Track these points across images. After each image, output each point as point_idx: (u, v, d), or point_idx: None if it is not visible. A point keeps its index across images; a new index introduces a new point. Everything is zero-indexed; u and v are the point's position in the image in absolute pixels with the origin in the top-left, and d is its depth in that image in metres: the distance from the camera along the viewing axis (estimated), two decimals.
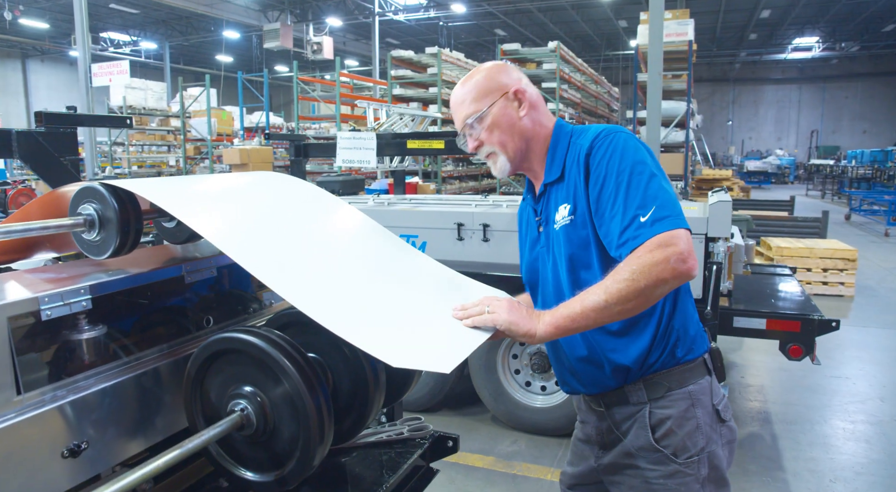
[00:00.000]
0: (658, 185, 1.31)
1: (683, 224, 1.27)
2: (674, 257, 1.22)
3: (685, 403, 1.41)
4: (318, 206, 1.70)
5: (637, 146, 1.38)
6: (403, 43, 29.16)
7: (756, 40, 30.82)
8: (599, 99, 15.87)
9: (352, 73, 16.96)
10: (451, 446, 1.97)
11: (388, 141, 4.12)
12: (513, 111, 1.49)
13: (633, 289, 1.22)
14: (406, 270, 1.60)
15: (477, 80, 1.50)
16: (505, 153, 1.50)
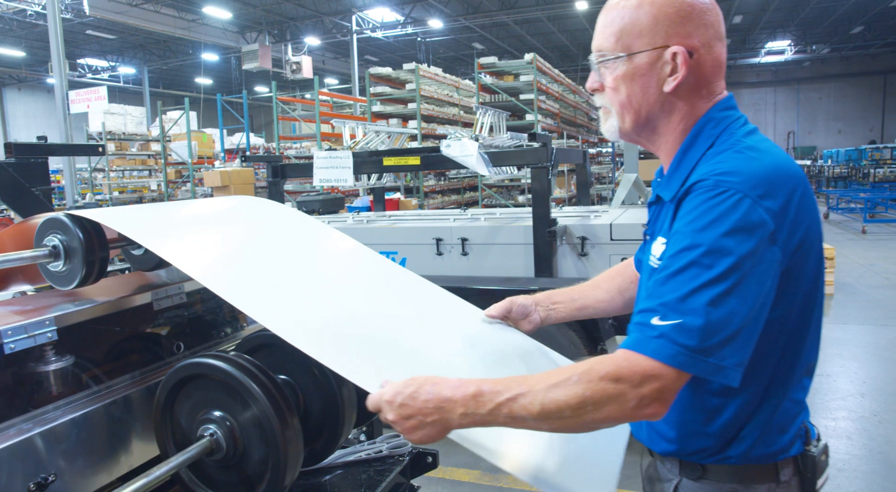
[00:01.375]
0: (716, 296, 0.94)
1: (693, 366, 0.94)
2: (639, 398, 0.95)
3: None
4: (293, 228, 1.72)
5: (745, 232, 0.96)
6: (382, 60, 29.34)
7: (730, 45, 31.28)
8: (578, 108, 16.04)
9: (331, 92, 17.05)
10: (430, 461, 1.98)
11: (364, 159, 4.15)
12: (657, 77, 1.10)
13: (574, 418, 0.98)
14: (395, 293, 1.61)
15: (638, 6, 1.10)
16: (619, 118, 1.16)
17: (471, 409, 1.01)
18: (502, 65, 11.75)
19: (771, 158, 1.04)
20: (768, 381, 1.11)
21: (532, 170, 3.67)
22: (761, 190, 0.99)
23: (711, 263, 0.95)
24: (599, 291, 1.51)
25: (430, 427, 1.05)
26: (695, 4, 1.09)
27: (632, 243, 3.61)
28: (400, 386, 1.06)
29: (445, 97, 12.84)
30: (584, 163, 5.22)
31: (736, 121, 1.13)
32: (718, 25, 1.12)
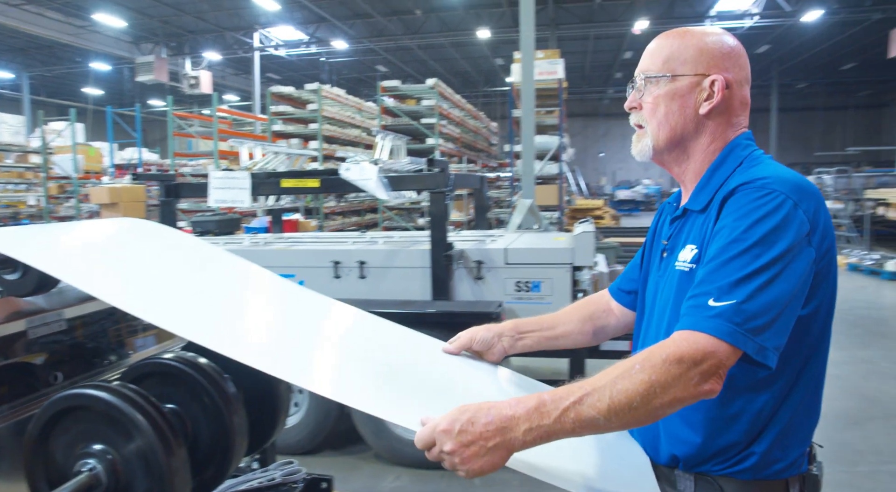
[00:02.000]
0: (764, 282, 1.03)
1: (745, 343, 1.01)
2: (701, 374, 1.00)
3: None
4: (196, 255, 1.70)
5: (788, 229, 1.06)
6: (285, 78, 28.90)
7: (622, 78, 33.20)
8: (478, 133, 16.45)
9: (231, 109, 16.60)
10: (325, 487, 1.98)
11: (262, 180, 4.09)
12: (694, 100, 1.22)
13: (644, 406, 1.00)
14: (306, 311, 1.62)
15: (687, 41, 1.24)
16: (654, 137, 1.26)
17: (535, 421, 1.00)
18: (405, 88, 11.90)
19: (796, 174, 1.16)
20: (794, 380, 1.17)
21: (430, 194, 3.76)
22: (798, 196, 1.10)
23: (760, 253, 1.05)
24: (571, 321, 1.53)
25: (492, 453, 1.00)
26: (734, 47, 1.24)
27: (526, 267, 3.76)
28: (455, 414, 1.01)
29: (348, 119, 12.83)
30: (481, 188, 5.38)
31: (757, 150, 1.26)
32: (748, 71, 1.27)
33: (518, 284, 3.75)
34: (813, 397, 1.20)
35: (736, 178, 1.18)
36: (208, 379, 1.43)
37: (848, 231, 14.13)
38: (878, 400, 5.03)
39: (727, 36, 1.25)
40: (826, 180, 15.55)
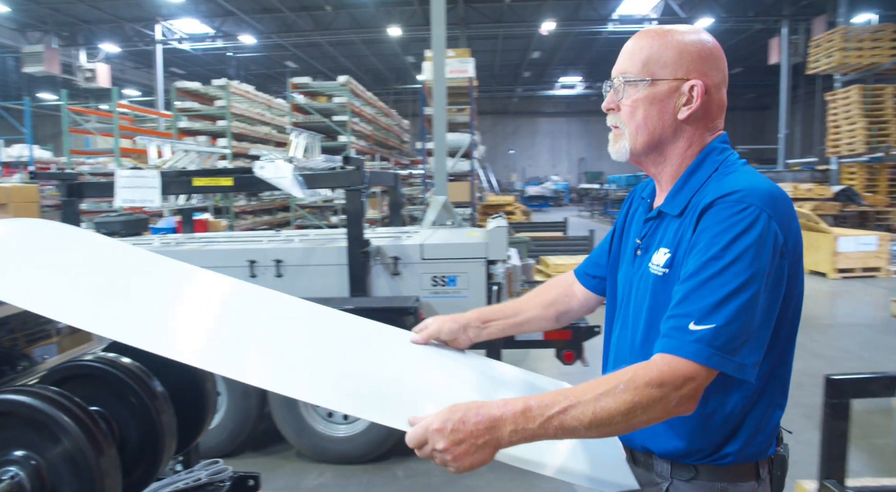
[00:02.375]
0: (743, 302, 1.07)
1: (724, 365, 1.07)
2: (680, 398, 1.07)
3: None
4: (99, 250, 1.67)
5: (765, 244, 1.10)
6: (190, 73, 27.79)
7: (530, 78, 34.09)
8: (390, 131, 16.48)
9: (132, 105, 15.83)
10: (252, 485, 1.98)
11: (172, 179, 3.98)
12: (673, 105, 1.22)
13: (624, 423, 1.07)
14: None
15: (667, 42, 1.22)
16: (632, 140, 1.26)
17: (520, 425, 1.06)
18: (316, 85, 11.78)
19: (768, 182, 1.18)
20: (765, 381, 1.22)
21: (346, 192, 3.79)
22: (772, 208, 1.12)
23: (738, 271, 1.08)
24: (534, 307, 1.57)
25: (482, 450, 1.06)
26: (713, 50, 1.24)
27: (442, 262, 3.86)
28: (446, 414, 1.07)
29: (257, 116, 12.56)
30: (395, 185, 5.45)
31: (732, 154, 1.27)
32: (726, 73, 1.27)
33: (434, 279, 3.84)
34: (782, 394, 1.26)
35: (712, 185, 1.20)
36: (133, 378, 1.43)
37: None
38: None
39: (705, 36, 1.25)
40: None
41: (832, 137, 14.94)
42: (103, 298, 1.38)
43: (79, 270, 1.49)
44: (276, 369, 1.32)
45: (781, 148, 21.86)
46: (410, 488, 3.54)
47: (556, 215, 21.08)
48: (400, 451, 3.94)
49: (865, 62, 13.88)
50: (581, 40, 25.85)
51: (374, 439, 3.72)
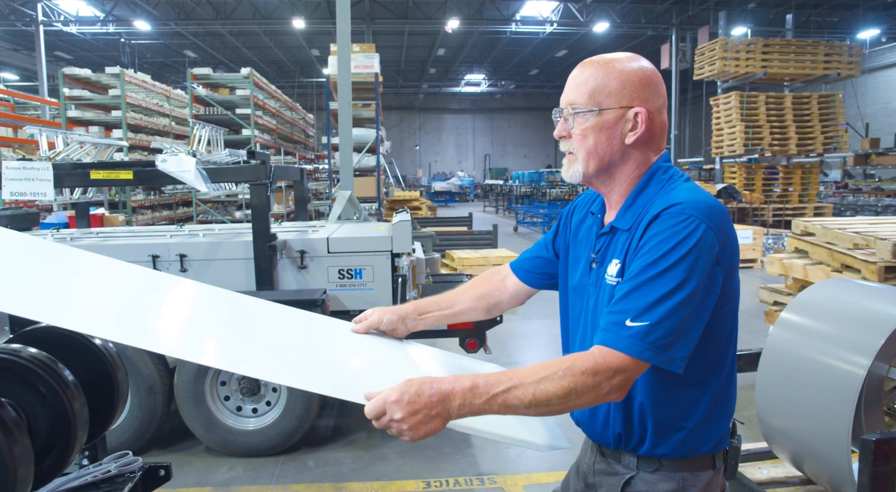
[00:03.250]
0: (676, 303, 1.19)
1: (653, 358, 1.19)
2: (610, 387, 1.19)
3: (671, 485, 1.35)
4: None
5: (701, 252, 1.21)
6: (78, 58, 26.15)
7: (435, 74, 34.41)
8: (295, 125, 16.23)
9: (11, 90, 14.75)
10: (163, 475, 2.00)
11: (67, 171, 3.84)
12: (620, 131, 1.33)
13: (560, 405, 1.19)
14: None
15: (610, 73, 1.32)
16: (584, 165, 1.36)
17: (468, 400, 1.17)
18: (217, 77, 11.46)
19: (708, 195, 1.29)
20: (727, 377, 1.35)
21: (251, 186, 3.79)
22: (710, 220, 1.23)
23: (674, 275, 1.19)
24: (467, 299, 1.69)
25: (434, 420, 1.17)
26: (653, 77, 1.34)
27: (348, 256, 3.93)
28: (402, 387, 1.17)
29: (155, 106, 12.06)
30: (301, 180, 5.45)
31: (676, 171, 1.38)
32: (665, 95, 1.37)
33: (341, 272, 3.92)
34: (727, 388, 1.37)
35: (658, 199, 1.30)
36: (41, 367, 1.44)
37: None
38: None
39: (645, 63, 1.35)
40: None
41: (715, 138, 16.07)
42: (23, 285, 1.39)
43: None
44: (235, 352, 1.42)
45: (673, 147, 23.26)
46: (321, 477, 3.61)
47: (462, 211, 21.47)
48: (310, 442, 4.00)
49: (742, 71, 15.04)
50: (485, 39, 26.41)
51: (284, 430, 3.76)
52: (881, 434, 2.23)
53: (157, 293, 1.66)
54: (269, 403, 3.82)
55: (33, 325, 1.68)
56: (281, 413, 3.76)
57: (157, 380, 3.69)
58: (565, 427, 1.56)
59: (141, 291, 1.63)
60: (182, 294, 1.70)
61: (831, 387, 2.48)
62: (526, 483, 3.57)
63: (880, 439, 2.19)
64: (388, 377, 1.26)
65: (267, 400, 3.82)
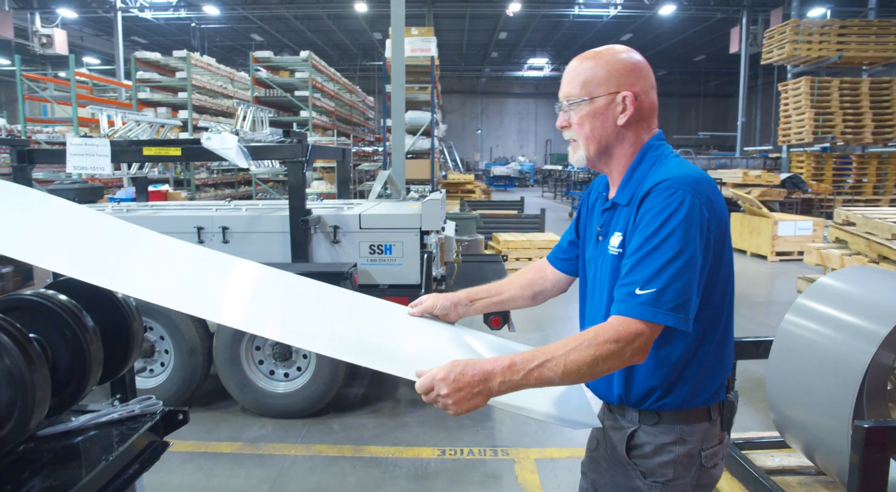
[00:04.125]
0: (677, 269, 1.31)
1: (666, 320, 1.31)
2: (633, 351, 1.31)
3: (670, 437, 1.48)
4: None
5: (692, 220, 1.34)
6: (152, 43, 27.27)
7: (498, 58, 34.21)
8: (354, 108, 16.55)
9: (91, 73, 15.60)
10: (181, 418, 2.23)
11: (123, 148, 4.15)
12: (612, 115, 1.46)
13: (589, 372, 1.30)
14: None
15: (598, 64, 1.46)
16: (585, 149, 1.50)
17: (507, 377, 1.30)
18: (278, 60, 11.83)
19: (695, 169, 1.42)
20: (721, 336, 1.48)
21: (288, 164, 4.01)
22: (696, 191, 1.36)
23: (672, 244, 1.32)
24: (514, 287, 1.84)
25: (476, 397, 1.31)
26: (637, 62, 1.48)
27: (378, 232, 4.11)
28: (449, 367, 1.31)
29: (219, 88, 12.56)
30: (343, 159, 5.66)
31: (667, 148, 1.51)
32: (652, 79, 1.50)
33: (371, 247, 4.10)
34: (721, 348, 1.49)
35: (650, 176, 1.43)
36: (67, 312, 1.66)
37: None
38: None
39: (632, 53, 1.49)
40: None
41: (783, 125, 15.47)
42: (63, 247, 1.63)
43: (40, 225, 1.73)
44: (297, 328, 1.62)
45: (739, 135, 22.49)
46: (343, 440, 3.83)
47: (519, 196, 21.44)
48: (337, 407, 4.22)
49: (814, 55, 14.38)
50: (548, 22, 26.06)
51: (312, 395, 3.99)
52: (874, 422, 2.20)
53: (226, 272, 1.88)
54: (300, 368, 4.05)
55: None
56: (310, 378, 3.99)
57: (198, 343, 3.98)
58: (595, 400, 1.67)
59: (209, 269, 1.86)
60: (243, 273, 1.91)
61: (835, 374, 2.46)
62: (538, 457, 3.68)
63: (872, 427, 2.16)
64: (438, 358, 1.40)
65: (297, 366, 4.06)
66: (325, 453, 3.68)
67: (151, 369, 4.14)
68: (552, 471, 3.52)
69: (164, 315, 3.95)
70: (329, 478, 3.41)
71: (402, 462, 3.57)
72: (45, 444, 1.86)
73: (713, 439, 1.51)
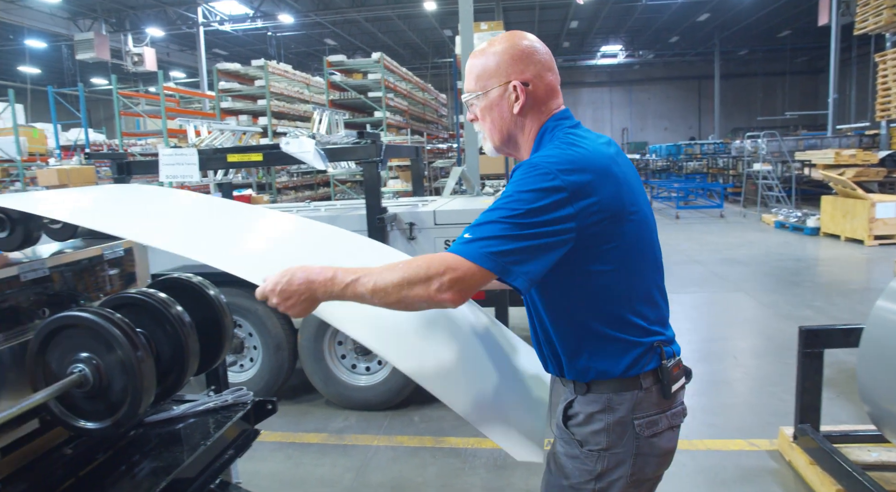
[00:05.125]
0: (508, 227, 1.32)
1: (479, 261, 1.30)
2: (440, 283, 1.30)
3: (599, 405, 1.50)
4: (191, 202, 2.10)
5: (545, 194, 1.33)
6: (232, 54, 28.46)
7: (570, 48, 33.68)
8: (427, 105, 16.73)
9: (178, 87, 16.49)
10: (270, 408, 2.38)
11: (209, 156, 4.39)
12: (507, 104, 1.52)
13: (395, 293, 1.33)
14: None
15: (487, 57, 1.53)
16: (491, 139, 1.59)
17: (328, 288, 1.39)
18: (351, 63, 12.11)
19: (580, 149, 1.42)
20: (627, 308, 1.47)
21: (363, 164, 4.13)
22: (565, 168, 1.36)
23: (514, 207, 1.33)
24: None
25: (305, 302, 1.42)
26: (524, 48, 1.52)
27: (453, 227, 4.18)
28: (277, 277, 1.43)
29: (296, 94, 12.98)
30: (416, 158, 5.77)
31: (565, 123, 1.53)
32: (546, 61, 1.53)
33: (447, 243, 4.18)
34: (628, 319, 1.48)
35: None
36: (168, 309, 1.81)
37: (778, 191, 14.97)
38: (774, 338, 5.67)
39: (522, 40, 1.52)
40: (760, 144, 16.36)
41: (881, 99, 14.46)
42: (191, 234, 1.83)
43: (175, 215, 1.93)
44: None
45: (831, 113, 21.22)
46: (424, 431, 3.93)
47: None
48: (418, 400, 4.33)
49: None
50: (620, 8, 25.43)
51: (393, 387, 4.12)
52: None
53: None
54: (381, 362, 4.18)
55: (165, 275, 2.07)
56: (391, 372, 4.12)
57: (284, 338, 4.17)
58: None
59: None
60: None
61: None
62: None
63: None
64: (283, 263, 1.49)
65: (378, 360, 4.19)
66: (407, 443, 3.79)
67: (241, 365, 4.38)
68: None
69: (251, 313, 4.17)
70: (410, 468, 3.52)
71: (481, 453, 3.64)
72: (151, 430, 2.04)
73: (649, 407, 1.50)
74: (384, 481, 3.39)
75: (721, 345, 5.59)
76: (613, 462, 1.49)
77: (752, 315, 6.49)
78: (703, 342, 5.67)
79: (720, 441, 3.72)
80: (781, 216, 12.90)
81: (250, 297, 4.18)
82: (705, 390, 4.55)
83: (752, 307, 6.75)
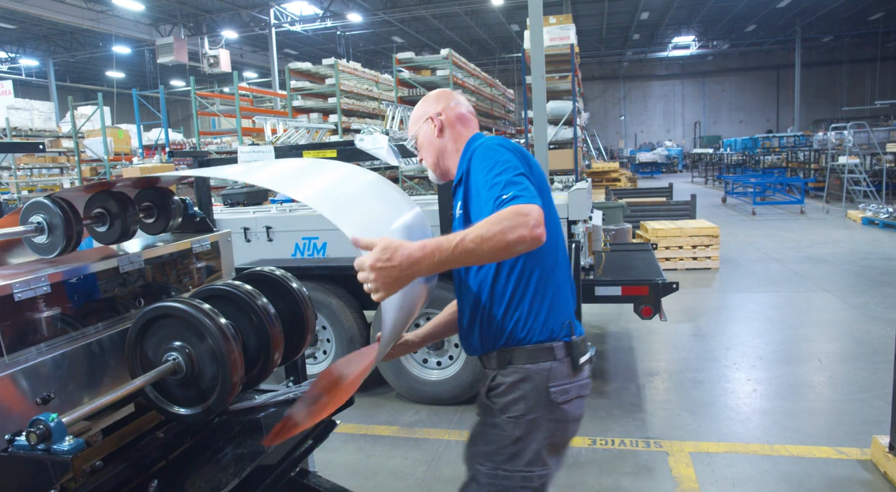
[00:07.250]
0: (511, 177, 1.57)
1: (536, 200, 1.50)
2: (534, 221, 1.44)
3: (518, 376, 1.72)
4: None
5: (497, 150, 1.67)
6: (302, 53, 29.17)
7: (639, 40, 32.84)
8: (495, 101, 16.65)
9: (251, 86, 17.01)
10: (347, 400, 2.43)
11: (285, 153, 4.51)
12: (431, 133, 1.92)
13: (502, 240, 1.42)
14: None
15: (416, 108, 1.98)
16: (430, 168, 1.97)
17: (437, 257, 1.42)
18: (419, 60, 12.18)
19: (492, 137, 1.79)
20: (547, 272, 1.74)
21: None
22: (502, 142, 1.73)
23: (505, 167, 1.62)
24: (444, 314, 2.13)
25: (398, 281, 1.44)
26: (439, 94, 1.97)
27: None
28: (377, 254, 1.42)
29: (365, 91, 13.17)
30: None
31: (474, 138, 1.87)
32: (454, 98, 1.96)
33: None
34: (546, 284, 1.73)
35: (462, 164, 1.84)
36: (253, 301, 1.86)
37: (866, 186, 14.19)
38: (863, 341, 5.37)
39: (436, 91, 1.99)
40: (846, 135, 15.53)
41: None
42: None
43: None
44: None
45: None
46: None
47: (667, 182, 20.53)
48: None
49: None
50: None
51: (463, 383, 4.12)
52: None
53: None
54: (451, 357, 4.20)
55: (249, 269, 2.14)
56: (461, 367, 4.12)
57: (357, 332, 4.24)
58: None
59: None
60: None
61: None
62: (693, 450, 3.55)
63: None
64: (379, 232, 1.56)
65: (449, 355, 4.20)
66: None
67: (315, 356, 4.48)
68: (708, 465, 3.39)
69: (325, 306, 4.25)
70: None
71: None
72: (235, 417, 2.11)
73: (562, 377, 1.73)
74: (455, 476, 3.40)
75: (804, 347, 5.34)
76: (531, 427, 1.71)
77: (839, 317, 6.17)
78: (783, 344, 5.43)
79: (804, 447, 3.55)
80: (870, 212, 12.22)
81: (325, 290, 4.27)
82: (786, 393, 4.35)
83: (838, 308, 6.42)
